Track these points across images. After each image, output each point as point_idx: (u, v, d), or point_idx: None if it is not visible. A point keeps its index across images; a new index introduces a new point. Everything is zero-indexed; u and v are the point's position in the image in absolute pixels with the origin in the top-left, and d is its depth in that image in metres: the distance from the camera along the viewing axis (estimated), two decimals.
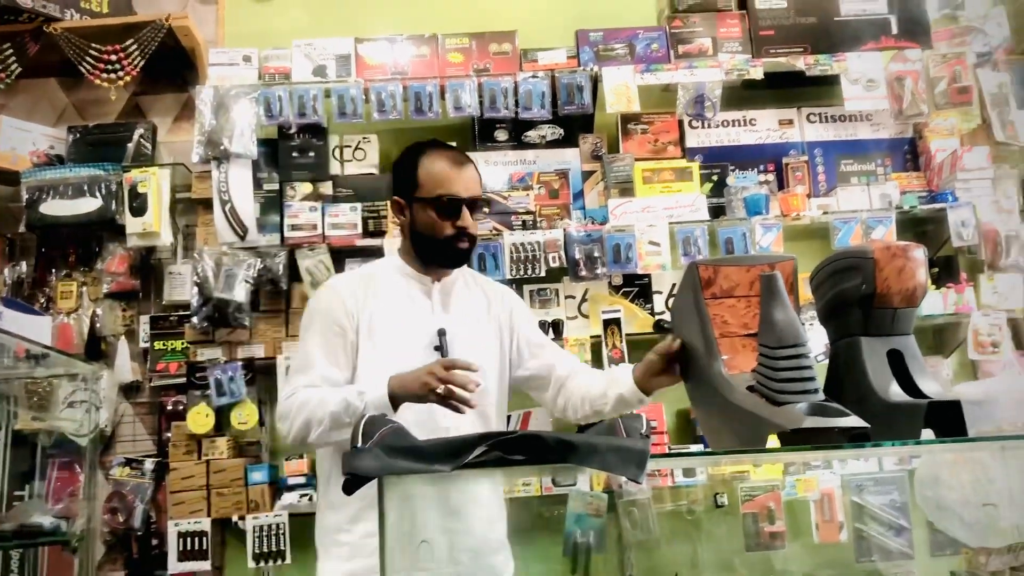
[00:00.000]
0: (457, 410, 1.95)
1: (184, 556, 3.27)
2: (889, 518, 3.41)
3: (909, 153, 3.84)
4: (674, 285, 3.64)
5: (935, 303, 3.47)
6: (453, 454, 1.32)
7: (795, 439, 1.46)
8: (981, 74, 3.76)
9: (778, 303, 1.56)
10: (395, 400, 1.99)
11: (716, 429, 1.72)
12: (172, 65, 3.83)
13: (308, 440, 2.05)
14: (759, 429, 1.51)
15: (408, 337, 2.14)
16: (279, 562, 3.27)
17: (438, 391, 1.93)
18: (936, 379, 1.59)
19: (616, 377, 2.16)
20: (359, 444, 1.55)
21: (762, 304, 1.58)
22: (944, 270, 3.64)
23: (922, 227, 3.78)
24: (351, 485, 1.37)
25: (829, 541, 3.38)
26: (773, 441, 1.49)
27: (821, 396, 1.52)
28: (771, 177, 3.78)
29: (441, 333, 2.16)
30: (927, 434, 1.52)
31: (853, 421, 1.46)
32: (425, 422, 2.07)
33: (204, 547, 3.28)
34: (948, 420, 1.51)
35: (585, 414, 2.24)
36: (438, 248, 2.21)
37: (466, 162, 2.24)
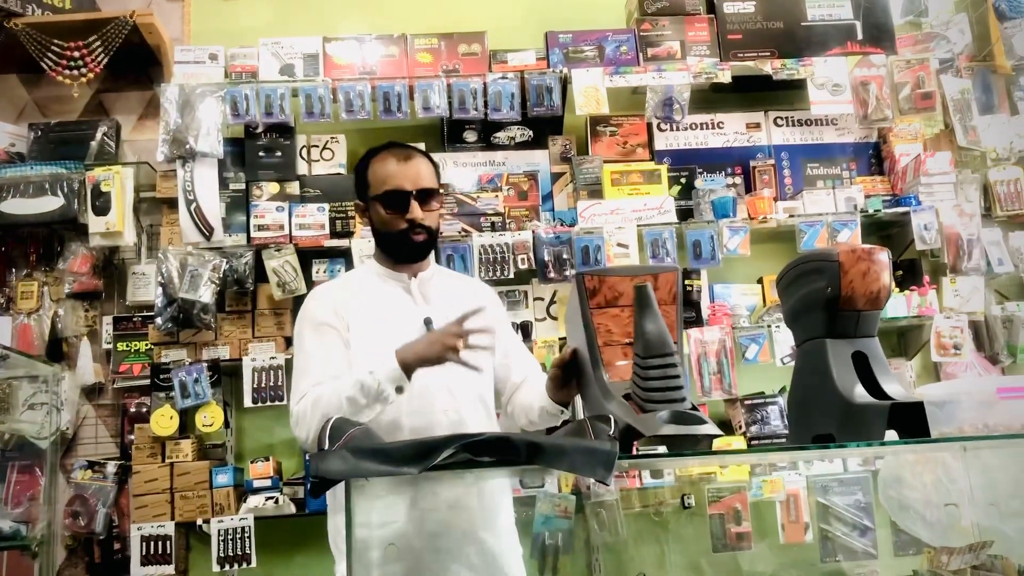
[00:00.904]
0: (476, 368, 1.99)
1: (147, 560, 3.23)
2: (854, 518, 3.45)
3: (874, 157, 3.89)
4: None
5: (899, 306, 3.52)
6: (421, 456, 1.32)
7: (668, 444, 1.55)
8: (944, 80, 3.82)
9: (648, 314, 1.62)
10: (408, 369, 2.00)
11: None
12: (137, 62, 3.78)
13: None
14: (625, 435, 1.57)
15: (395, 331, 2.15)
16: (245, 566, 3.24)
17: (459, 347, 1.95)
18: (899, 381, 1.61)
19: (541, 389, 2.19)
20: (326, 446, 1.55)
21: (635, 314, 1.64)
22: (908, 273, 3.70)
23: (886, 230, 3.83)
24: (318, 488, 1.37)
25: (795, 541, 3.41)
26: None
27: (687, 404, 1.58)
28: (739, 180, 3.81)
29: (427, 322, 2.17)
30: (891, 435, 1.54)
31: (708, 429, 1.53)
32: (422, 409, 2.10)
33: (168, 551, 3.24)
34: (911, 421, 1.53)
35: (523, 423, 2.29)
36: (395, 243, 2.24)
37: (413, 155, 2.26)
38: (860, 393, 1.57)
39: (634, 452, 1.63)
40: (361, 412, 2.01)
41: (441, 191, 2.34)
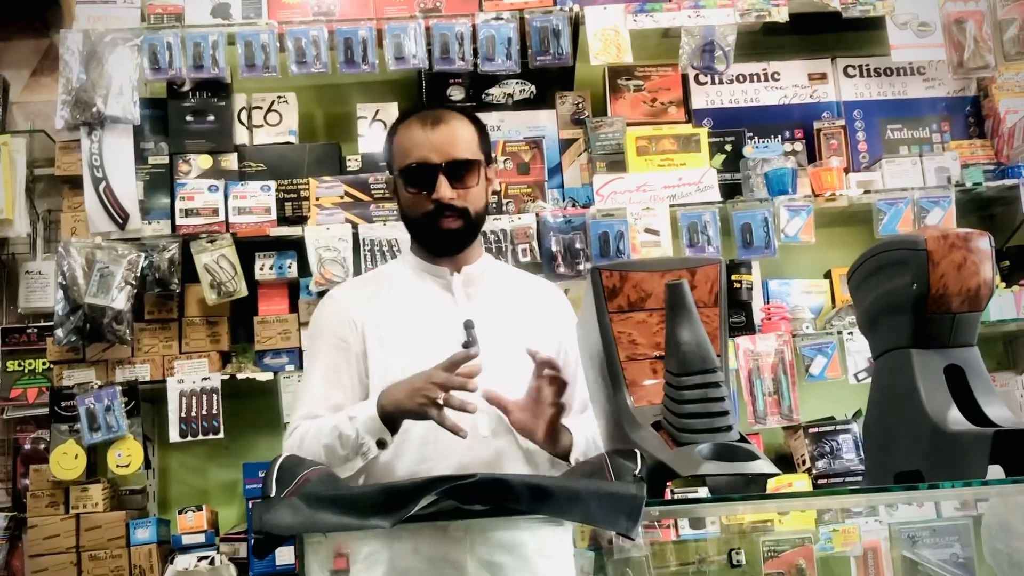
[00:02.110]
0: (457, 432, 1.95)
1: None
2: None
3: (972, 116, 3.89)
4: None
5: (1005, 306, 3.52)
6: (394, 504, 1.32)
7: (713, 487, 1.55)
8: None
9: (684, 319, 1.59)
10: (389, 420, 2.00)
11: None
12: (28, 4, 3.78)
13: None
14: (656, 475, 1.55)
15: (427, 338, 2.14)
16: None
17: (438, 401, 1.93)
18: (1006, 402, 1.61)
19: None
20: (271, 492, 1.55)
21: (667, 320, 1.62)
22: (1016, 264, 3.69)
23: (988, 209, 3.84)
24: (262, 546, 1.36)
25: None
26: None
27: (734, 434, 1.56)
28: (799, 147, 3.81)
29: (468, 325, 2.15)
30: (995, 472, 1.54)
31: (761, 466, 1.51)
32: (428, 456, 2.10)
33: None
34: (1022, 453, 1.53)
35: None
36: (422, 229, 2.25)
37: (445, 118, 2.26)
38: (955, 418, 1.57)
39: (667, 496, 1.63)
40: (342, 465, 2.02)
41: (487, 162, 2.31)
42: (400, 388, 2.00)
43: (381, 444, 2.01)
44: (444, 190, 2.18)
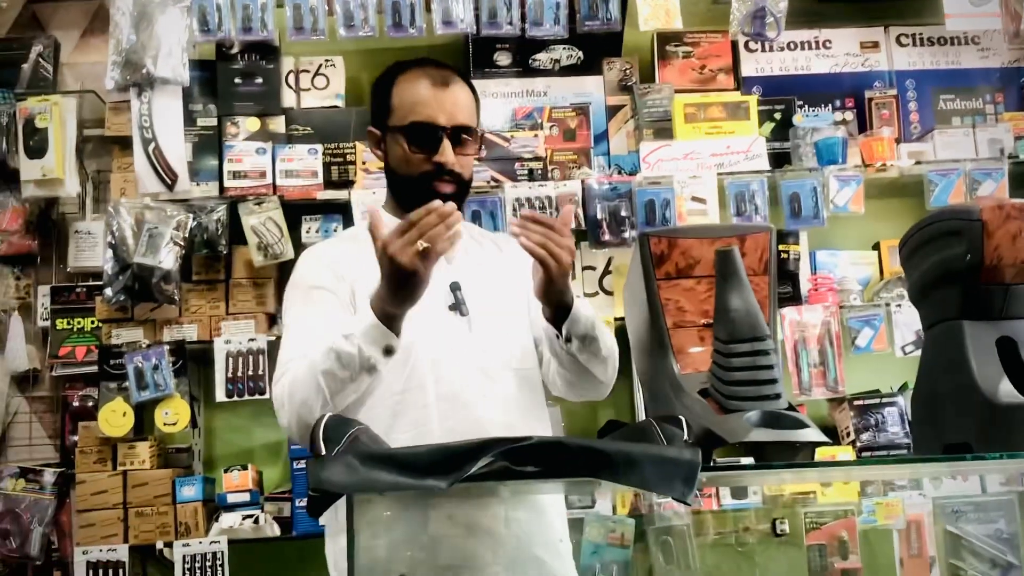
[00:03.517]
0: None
1: None
2: (993, 552, 3.44)
3: None
4: None
5: None
6: (449, 465, 1.33)
7: (755, 453, 1.54)
8: None
9: (734, 286, 1.60)
10: (390, 319, 1.96)
11: None
12: None
13: (313, 420, 2.02)
14: (703, 442, 1.56)
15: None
16: None
17: (421, 248, 1.86)
18: None
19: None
20: (322, 450, 1.57)
21: (716, 287, 1.63)
22: None
23: None
24: (318, 504, 1.38)
25: None
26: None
27: (783, 403, 1.57)
28: (850, 116, 3.79)
29: (455, 287, 2.15)
30: None
31: (810, 434, 1.52)
32: (452, 410, 2.09)
33: None
34: None
35: (559, 388, 2.28)
36: (413, 189, 2.20)
37: (453, 80, 2.23)
38: (1007, 390, 1.57)
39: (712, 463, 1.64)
40: (344, 389, 2.00)
41: (481, 132, 2.32)
42: (380, 277, 1.94)
43: (388, 351, 1.97)
44: (448, 154, 2.17)
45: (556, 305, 2.06)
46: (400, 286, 1.92)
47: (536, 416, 2.23)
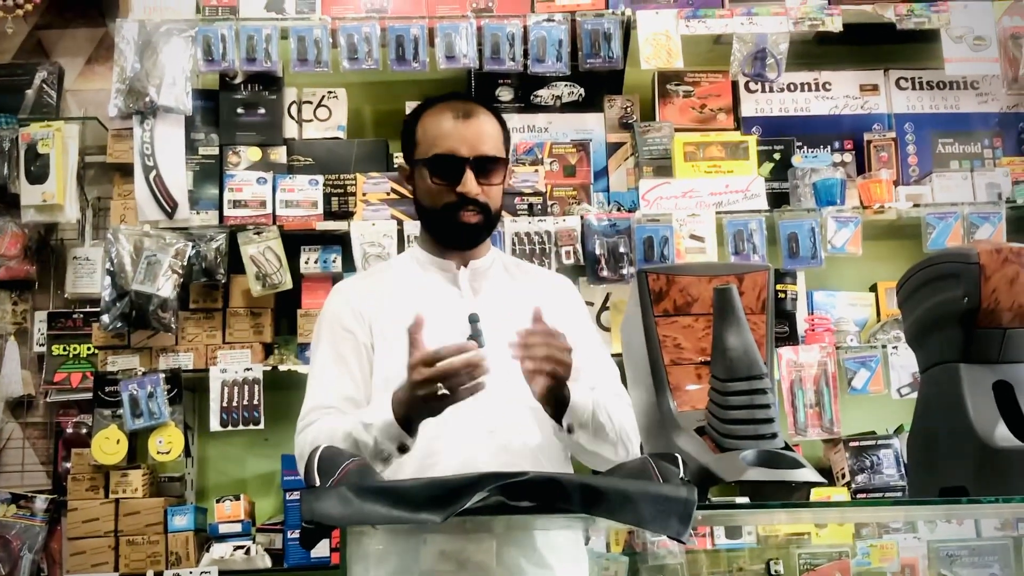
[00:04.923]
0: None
1: None
2: None
3: None
4: None
5: None
6: (444, 499, 1.33)
7: (751, 493, 1.56)
8: None
9: (732, 324, 1.61)
10: (407, 422, 1.97)
11: None
12: None
13: None
14: (699, 480, 1.56)
15: (432, 333, 2.13)
16: None
17: (438, 393, 1.89)
18: None
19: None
20: (316, 482, 1.56)
21: (714, 325, 1.64)
22: None
23: None
24: (311, 536, 1.38)
25: None
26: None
27: (779, 442, 1.58)
28: (849, 158, 3.80)
29: (473, 319, 2.13)
30: None
31: (807, 474, 1.52)
32: (466, 430, 2.08)
33: None
34: None
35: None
36: (439, 221, 2.26)
37: (476, 112, 2.27)
38: (1003, 435, 1.57)
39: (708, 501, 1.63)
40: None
41: (508, 162, 2.33)
42: (403, 387, 1.96)
43: (403, 449, 1.99)
44: (470, 184, 2.20)
45: (556, 402, 2.06)
46: (418, 409, 1.95)
47: (548, 456, 2.20)
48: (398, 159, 3.67)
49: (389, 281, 2.31)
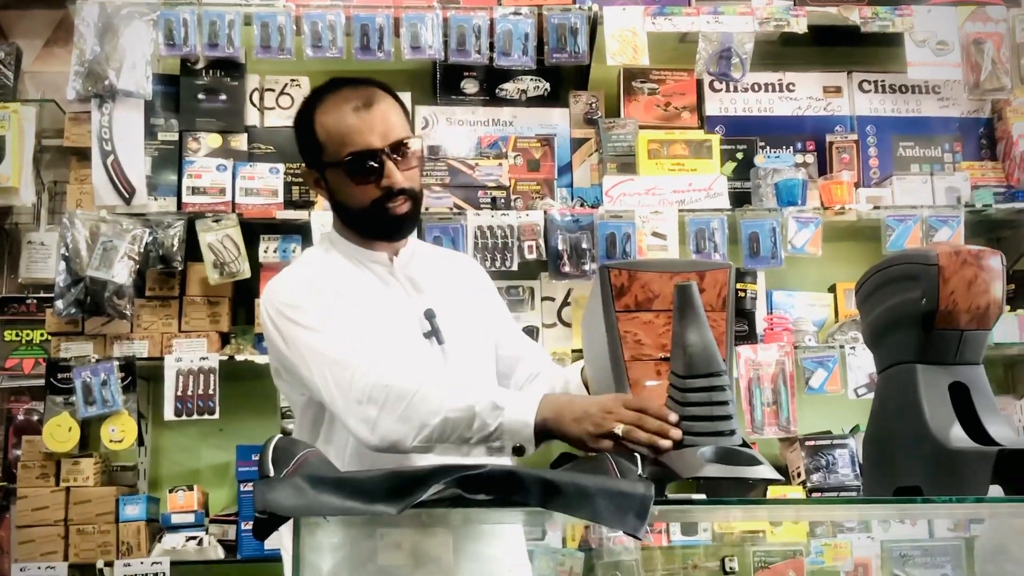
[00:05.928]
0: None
1: None
2: None
3: (985, 138, 3.90)
4: None
5: (1009, 329, 3.53)
6: (401, 491, 1.32)
7: (708, 489, 1.56)
8: None
9: (692, 321, 1.61)
10: (545, 433, 1.80)
11: None
12: None
13: (403, 446, 1.93)
14: (657, 476, 1.57)
15: (391, 330, 2.09)
16: None
17: (616, 431, 1.70)
18: (1008, 423, 1.62)
19: (568, 379, 2.18)
20: (270, 472, 1.54)
21: (674, 322, 1.64)
22: (1022, 287, 3.70)
23: (997, 231, 3.84)
24: (264, 527, 1.36)
25: None
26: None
27: (737, 438, 1.59)
28: (811, 159, 3.83)
29: (430, 315, 2.11)
30: (995, 491, 1.55)
31: (764, 471, 1.53)
32: None
33: None
34: (1022, 474, 1.54)
35: None
36: (368, 217, 2.14)
37: (373, 98, 2.13)
38: (957, 435, 1.58)
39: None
40: (452, 446, 1.87)
41: (418, 137, 2.25)
42: (574, 406, 1.80)
43: (518, 451, 1.82)
44: (395, 176, 2.08)
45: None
46: (575, 439, 1.78)
47: None
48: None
49: (334, 278, 2.16)
